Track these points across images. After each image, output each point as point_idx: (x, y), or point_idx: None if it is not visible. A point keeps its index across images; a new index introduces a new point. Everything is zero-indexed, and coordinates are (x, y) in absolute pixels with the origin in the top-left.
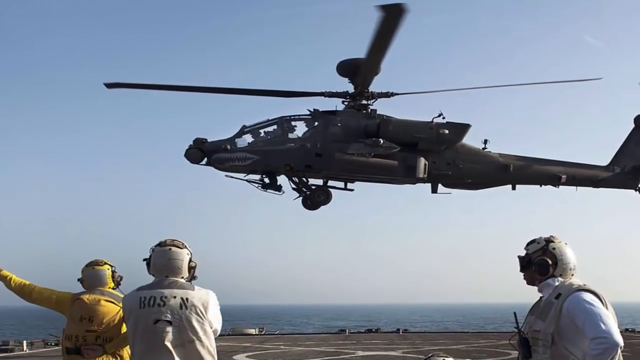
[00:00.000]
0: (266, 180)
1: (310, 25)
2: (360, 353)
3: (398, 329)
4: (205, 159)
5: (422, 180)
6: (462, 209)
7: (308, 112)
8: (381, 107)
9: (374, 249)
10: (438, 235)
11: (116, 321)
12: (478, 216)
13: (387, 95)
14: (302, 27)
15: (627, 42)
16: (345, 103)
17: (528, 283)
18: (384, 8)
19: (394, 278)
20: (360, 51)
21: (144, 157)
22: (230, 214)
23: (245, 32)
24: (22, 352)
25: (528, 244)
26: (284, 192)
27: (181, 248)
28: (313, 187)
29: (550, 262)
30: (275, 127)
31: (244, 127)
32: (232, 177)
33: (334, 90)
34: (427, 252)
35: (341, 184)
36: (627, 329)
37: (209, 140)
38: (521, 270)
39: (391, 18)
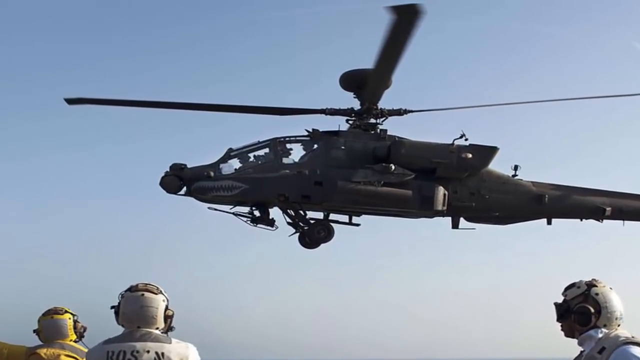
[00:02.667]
0: (256, 213)
1: (309, 29)
2: None
3: None
4: (185, 188)
5: (441, 214)
6: (488, 247)
7: (306, 133)
8: (392, 126)
9: (383, 294)
10: (459, 278)
11: None
12: (506, 256)
13: (400, 112)
14: (298, 32)
15: None
16: (350, 122)
17: (566, 335)
18: (396, 9)
19: (406, 329)
20: (367, 60)
21: (112, 186)
22: (213, 254)
23: (231, 39)
24: None
25: (566, 289)
26: (277, 228)
27: (156, 294)
28: (312, 222)
29: (592, 310)
30: (267, 150)
31: (230, 150)
32: (216, 209)
33: (337, 107)
34: (446, 298)
35: (345, 218)
36: None
37: (188, 166)
38: (558, 320)
39: (404, 21)
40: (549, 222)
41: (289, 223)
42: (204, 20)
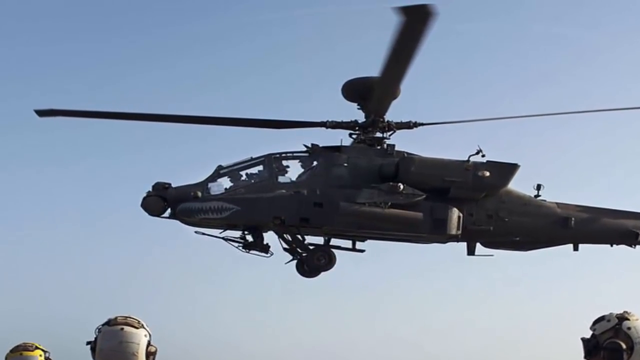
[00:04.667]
0: (249, 237)
1: (307, 32)
2: None
3: None
4: (169, 210)
5: (455, 238)
6: (507, 276)
7: (304, 148)
8: (401, 141)
9: (390, 329)
10: (475, 311)
11: None
12: (528, 286)
13: (409, 125)
14: (296, 36)
15: None
16: (354, 136)
17: None
18: (406, 10)
19: None
20: (373, 67)
21: (90, 207)
22: (201, 283)
23: (220, 44)
24: None
25: (595, 323)
26: (272, 254)
27: (137, 328)
28: (311, 248)
29: (624, 346)
30: (261, 167)
31: (220, 167)
32: (204, 233)
33: (339, 119)
34: (461, 333)
35: (348, 243)
36: None
37: (173, 185)
38: (586, 357)
39: (414, 23)
40: (576, 248)
41: (285, 249)
42: (190, 24)
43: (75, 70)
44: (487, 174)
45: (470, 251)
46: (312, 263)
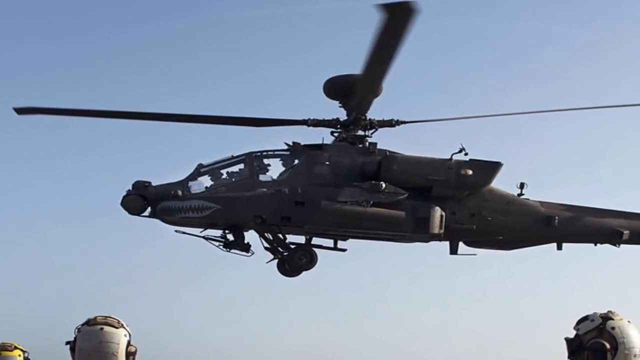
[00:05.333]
0: (230, 237)
1: (288, 31)
2: None
3: None
4: (149, 209)
5: (438, 237)
6: (491, 275)
7: (285, 147)
8: (383, 139)
9: (372, 329)
10: (458, 311)
11: None
12: (511, 286)
13: (391, 123)
14: (276, 34)
15: None
16: (335, 134)
17: None
18: (388, 8)
19: None
20: (355, 65)
21: (69, 206)
22: (181, 283)
23: (200, 42)
24: None
25: (579, 323)
26: (253, 253)
27: (117, 327)
28: (292, 247)
29: (608, 346)
30: (241, 166)
31: (201, 166)
32: (184, 232)
33: (320, 118)
34: (445, 334)
35: (330, 242)
36: None
37: (153, 184)
38: (569, 357)
39: (397, 21)
40: (559, 247)
41: (266, 248)
42: (169, 22)
43: (56, 69)
44: (470, 172)
45: (453, 250)
46: (294, 262)
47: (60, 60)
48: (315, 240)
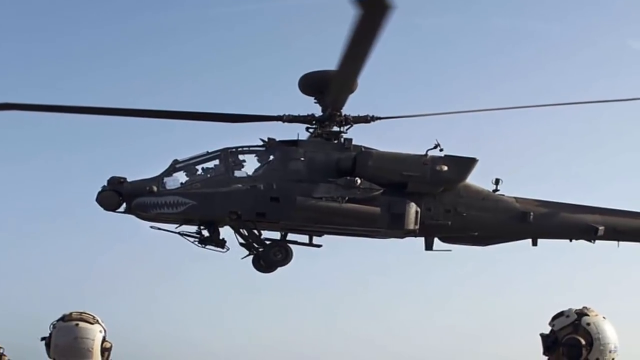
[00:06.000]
0: (205, 232)
1: (263, 26)
2: None
3: None
4: (124, 205)
5: (413, 233)
6: (466, 271)
7: (261, 142)
8: (358, 135)
9: (348, 325)
10: (433, 307)
11: None
12: (486, 281)
13: (367, 119)
14: (251, 30)
15: None
16: (311, 130)
17: None
18: (363, 3)
19: None
20: (330, 61)
21: (44, 202)
22: (156, 278)
23: (175, 38)
24: None
25: (554, 319)
26: (228, 249)
27: (92, 323)
28: (267, 242)
29: (583, 342)
30: (217, 162)
31: (176, 162)
32: (159, 228)
33: (295, 113)
34: (420, 330)
35: (305, 238)
36: None
37: (128, 180)
38: (545, 353)
39: (372, 16)
40: (535, 243)
41: (241, 244)
42: (144, 17)
43: (31, 65)
44: (445, 168)
45: (428, 246)
46: (269, 258)
47: (36, 56)
48: (291, 236)
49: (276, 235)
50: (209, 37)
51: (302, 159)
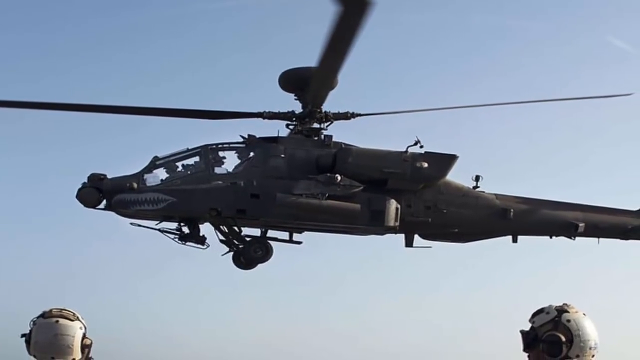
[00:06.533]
0: (185, 229)
1: (244, 23)
2: None
3: None
4: (104, 201)
5: (393, 230)
6: (446, 268)
7: (241, 139)
8: (338, 132)
9: (329, 322)
10: (413, 303)
11: None
12: (466, 278)
13: (347, 116)
14: (232, 27)
15: None
16: (291, 127)
17: None
18: (343, 0)
19: None
20: (310, 58)
21: (24, 199)
22: (136, 275)
23: (155, 35)
24: None
25: (534, 315)
26: (208, 246)
27: (72, 320)
28: (247, 239)
29: (563, 338)
30: (197, 158)
31: (156, 158)
32: (139, 225)
33: (276, 110)
34: (401, 327)
35: (285, 235)
36: None
37: (109, 177)
38: (525, 350)
39: (352, 13)
40: (515, 240)
41: (221, 241)
42: (124, 14)
43: (7, 61)
44: (425, 165)
45: (409, 243)
46: (249, 255)
47: (13, 52)
48: (271, 233)
49: (256, 232)
50: (189, 34)
51: (283, 155)
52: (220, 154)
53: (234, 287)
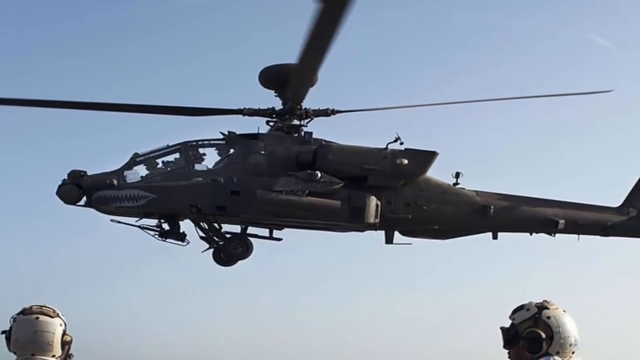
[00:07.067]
0: (165, 226)
1: (224, 20)
2: None
3: None
4: (85, 198)
5: (373, 227)
6: (426, 265)
7: (221, 136)
8: (318, 128)
9: (310, 319)
10: (393, 300)
11: None
12: (446, 275)
13: (327, 113)
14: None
15: None
16: (271, 123)
17: None
18: None
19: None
20: (290, 55)
21: (3, 197)
22: (117, 272)
23: (137, 30)
24: None
25: (514, 312)
26: (188, 243)
27: (52, 317)
28: (228, 236)
29: (543, 335)
30: (177, 155)
31: (136, 155)
32: (120, 222)
33: (256, 107)
34: (381, 324)
35: (265, 232)
36: None
37: (89, 173)
38: (505, 347)
39: (332, 10)
40: (495, 237)
41: (202, 237)
42: (105, 11)
43: None
44: (406, 161)
45: (389, 240)
46: (229, 252)
47: None
48: (251, 230)
49: (236, 228)
50: (169, 31)
51: (263, 152)
52: (201, 150)
53: (214, 284)
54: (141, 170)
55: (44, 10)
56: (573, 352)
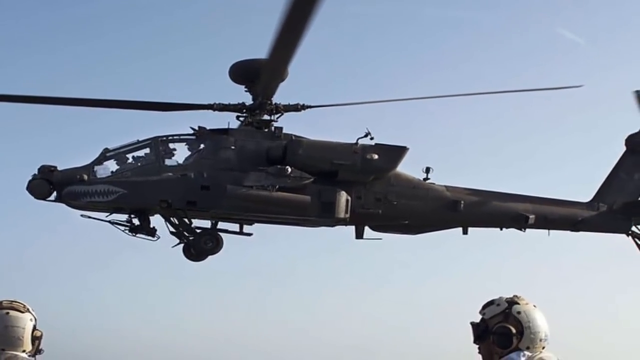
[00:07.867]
0: (135, 221)
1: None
2: None
3: None
4: (55, 193)
5: (344, 222)
6: (396, 260)
7: (191, 131)
8: (289, 123)
9: (280, 315)
10: (363, 296)
11: None
12: (416, 270)
13: (297, 108)
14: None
15: (619, 37)
16: (241, 119)
17: (484, 359)
18: None
19: (308, 355)
20: (260, 50)
21: None
22: (87, 267)
23: (106, 25)
24: None
25: (484, 307)
26: (159, 238)
27: (22, 312)
28: (198, 231)
29: (513, 330)
30: (147, 150)
31: (106, 150)
32: (90, 217)
33: (226, 102)
34: (350, 319)
35: (235, 227)
36: None
37: (59, 169)
38: (475, 342)
39: (302, 5)
40: (465, 232)
41: (172, 232)
42: (74, 5)
43: None
44: (376, 156)
45: (359, 235)
46: (199, 246)
47: None
48: (221, 225)
49: (207, 223)
50: (139, 25)
51: (233, 147)
52: (171, 145)
53: (184, 279)
54: (111, 166)
55: (13, 5)
56: (543, 347)
